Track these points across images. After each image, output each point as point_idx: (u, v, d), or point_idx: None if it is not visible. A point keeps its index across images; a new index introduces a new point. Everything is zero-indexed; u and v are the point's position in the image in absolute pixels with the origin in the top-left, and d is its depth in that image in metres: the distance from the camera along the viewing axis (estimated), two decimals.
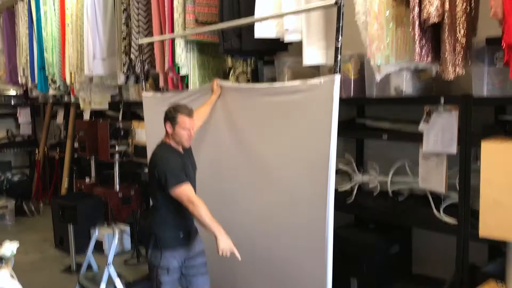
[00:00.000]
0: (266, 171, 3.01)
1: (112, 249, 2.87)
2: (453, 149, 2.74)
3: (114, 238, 2.90)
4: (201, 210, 2.65)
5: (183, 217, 2.84)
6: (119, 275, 2.94)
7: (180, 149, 2.92)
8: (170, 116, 2.83)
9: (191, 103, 3.41)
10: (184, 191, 2.70)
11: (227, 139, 3.31)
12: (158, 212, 2.85)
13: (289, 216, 2.87)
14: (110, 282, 2.91)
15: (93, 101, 5.49)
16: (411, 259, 3.55)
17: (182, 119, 2.79)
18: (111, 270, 2.84)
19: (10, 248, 2.06)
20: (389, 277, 3.26)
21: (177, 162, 2.79)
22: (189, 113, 2.82)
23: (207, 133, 3.44)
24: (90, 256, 3.14)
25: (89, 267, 3.22)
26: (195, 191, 2.90)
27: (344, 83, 3.16)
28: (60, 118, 7.49)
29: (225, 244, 2.61)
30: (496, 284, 2.59)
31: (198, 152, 3.47)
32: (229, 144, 3.29)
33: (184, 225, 2.88)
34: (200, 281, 2.97)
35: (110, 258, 2.85)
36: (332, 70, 2.56)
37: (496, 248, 2.99)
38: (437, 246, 3.36)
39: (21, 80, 6.55)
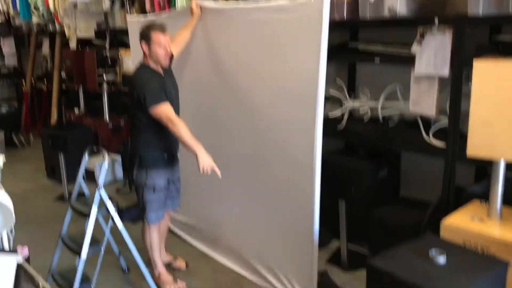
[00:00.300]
0: (251, 95, 2.98)
1: (102, 172, 2.87)
2: (445, 71, 2.71)
3: (104, 161, 2.89)
4: (181, 129, 2.68)
5: (167, 138, 2.88)
6: (111, 198, 2.96)
7: (160, 70, 2.90)
8: (144, 35, 2.81)
9: (175, 25, 3.31)
10: (163, 110, 2.72)
11: (210, 63, 3.24)
12: (142, 134, 2.89)
13: (277, 141, 2.87)
14: (102, 205, 2.93)
15: (79, 29, 5.32)
16: (399, 183, 3.61)
17: (156, 35, 2.78)
18: (102, 193, 2.85)
19: None
20: (377, 200, 3.33)
21: (156, 82, 2.79)
22: (163, 29, 2.80)
23: (190, 58, 3.36)
24: (80, 180, 3.14)
25: (82, 195, 3.24)
26: (178, 111, 2.93)
27: (337, 5, 3.06)
28: (45, 48, 7.28)
29: (205, 161, 2.68)
30: (480, 204, 2.65)
31: (181, 76, 3.42)
32: (213, 68, 3.23)
33: (168, 147, 2.94)
34: (173, 202, 3.15)
35: (101, 180, 2.85)
36: None
37: (483, 170, 3.04)
38: (425, 170, 3.42)
39: (2, 7, 6.30)
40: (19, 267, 1.37)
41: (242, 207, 3.26)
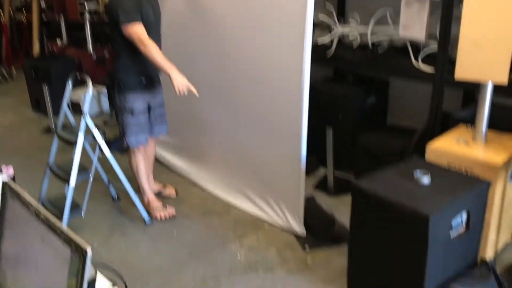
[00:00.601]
0: (239, 20, 2.91)
1: (87, 99, 2.83)
2: None
3: (88, 89, 2.84)
4: (152, 50, 2.69)
5: (144, 61, 2.85)
6: (97, 126, 2.94)
7: None
8: None
9: None
10: (134, 30, 2.71)
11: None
12: (120, 57, 2.88)
13: (265, 67, 2.83)
14: (88, 133, 2.91)
15: None
16: (387, 110, 3.62)
17: None
18: (87, 119, 2.82)
19: None
20: (365, 127, 3.34)
21: (132, 1, 2.73)
22: None
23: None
24: (65, 109, 3.10)
25: (66, 127, 3.21)
26: (159, 37, 2.90)
27: None
28: None
29: (179, 81, 2.70)
30: (466, 128, 2.67)
31: (180, 7, 3.31)
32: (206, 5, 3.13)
33: (146, 70, 2.92)
34: (157, 129, 3.15)
35: (86, 107, 2.82)
36: None
37: (470, 95, 3.05)
38: (413, 97, 3.41)
39: None
40: (5, 186, 1.36)
41: (230, 133, 3.27)
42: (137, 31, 2.70)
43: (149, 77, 2.96)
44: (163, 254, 2.85)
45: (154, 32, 2.82)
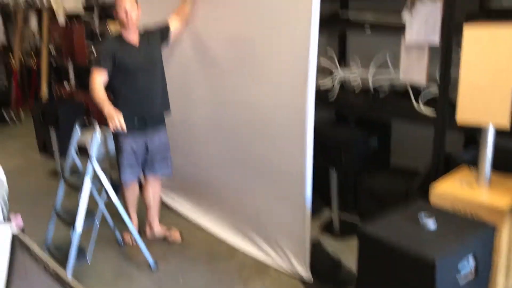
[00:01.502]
0: (243, 65, 2.98)
1: (94, 143, 2.87)
2: (436, 38, 2.71)
3: (95, 133, 2.89)
4: (93, 91, 2.93)
5: (135, 103, 3.05)
6: (104, 170, 2.97)
7: (133, 40, 3.06)
8: (115, 4, 2.98)
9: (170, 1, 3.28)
10: (92, 74, 2.94)
11: (204, 34, 3.23)
12: (113, 98, 3.07)
13: (269, 110, 2.88)
14: (95, 178, 2.94)
15: (66, 3, 5.22)
16: (390, 152, 3.64)
17: (119, 1, 2.95)
18: (94, 164, 2.86)
19: None
20: (368, 169, 3.36)
21: (108, 47, 2.99)
22: None
23: (192, 29, 3.34)
24: (73, 153, 3.15)
25: (75, 171, 3.25)
26: (148, 81, 3.06)
27: None
28: (33, 24, 7.16)
29: (108, 114, 2.80)
30: (469, 170, 2.69)
31: (183, 49, 3.42)
32: (205, 39, 3.23)
33: (138, 111, 3.08)
34: (157, 170, 3.28)
35: (93, 152, 2.86)
36: None
37: (472, 137, 3.07)
38: (415, 139, 3.44)
39: None
40: (14, 238, 1.38)
41: (233, 175, 3.29)
42: (93, 75, 2.95)
43: (142, 119, 3.10)
44: None
45: (137, 76, 3.02)
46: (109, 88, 3.05)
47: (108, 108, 2.83)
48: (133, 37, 3.07)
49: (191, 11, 3.24)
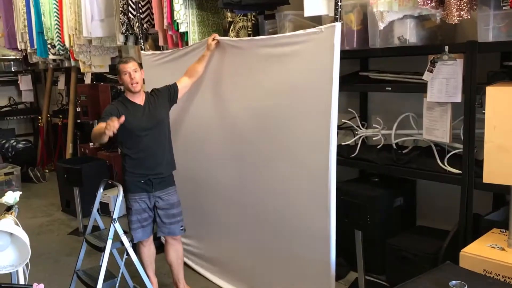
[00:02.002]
0: (265, 125, 3.00)
1: (117, 204, 2.89)
2: (458, 97, 2.71)
3: (118, 194, 2.91)
4: (92, 135, 3.02)
5: (141, 165, 3.11)
6: (125, 232, 2.97)
7: (139, 100, 3.15)
8: (117, 70, 3.13)
9: (189, 60, 3.38)
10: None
11: (224, 95, 3.28)
12: (123, 159, 3.16)
13: (291, 171, 2.87)
14: (116, 239, 2.93)
15: (93, 64, 5.43)
16: (416, 211, 3.56)
17: (121, 66, 3.09)
18: (116, 226, 2.86)
19: (13, 196, 2.09)
20: (394, 229, 3.28)
21: (112, 108, 3.08)
22: (126, 60, 3.11)
23: (205, 90, 3.41)
24: (95, 213, 3.16)
25: (96, 228, 3.26)
26: (149, 141, 3.10)
27: (347, 35, 3.09)
28: (61, 84, 7.45)
29: (109, 124, 2.75)
30: (500, 232, 2.60)
31: (195, 107, 3.49)
32: (226, 100, 3.27)
33: (144, 173, 3.12)
34: (166, 229, 3.26)
35: (116, 214, 2.87)
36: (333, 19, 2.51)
37: (501, 198, 2.99)
38: (441, 198, 3.37)
39: (20, 45, 6.48)
40: None
41: (256, 238, 3.23)
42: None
43: (147, 179, 3.14)
44: None
45: (141, 135, 3.07)
46: (120, 150, 3.18)
47: (103, 125, 2.83)
48: (138, 97, 3.15)
49: (203, 71, 3.32)
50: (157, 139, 3.14)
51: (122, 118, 2.81)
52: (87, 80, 6.47)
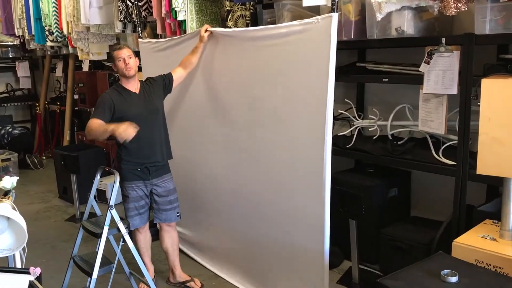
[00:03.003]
0: (261, 115, 3.01)
1: (113, 192, 2.90)
2: (454, 89, 2.72)
3: (115, 181, 2.93)
4: (90, 129, 2.94)
5: (138, 151, 3.11)
6: (122, 219, 2.99)
7: (134, 88, 3.15)
8: (111, 58, 3.15)
9: (186, 48, 3.38)
10: (89, 122, 3.00)
11: (219, 86, 3.29)
12: (118, 147, 3.16)
13: (286, 161, 2.88)
14: (113, 226, 2.95)
15: (91, 51, 5.42)
16: (410, 201, 3.60)
17: (115, 53, 3.10)
18: (113, 213, 2.88)
19: (10, 180, 2.11)
20: (388, 219, 3.31)
21: (106, 98, 3.07)
22: (120, 47, 3.13)
23: (200, 80, 3.42)
24: (92, 200, 3.18)
25: (93, 215, 3.28)
26: (149, 130, 3.11)
27: (344, 25, 3.10)
28: (59, 71, 7.42)
29: (123, 132, 2.80)
30: (492, 223, 2.63)
31: (190, 97, 3.52)
32: (221, 91, 3.28)
33: (140, 162, 3.14)
34: (163, 216, 3.30)
35: (112, 201, 2.88)
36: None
37: (494, 189, 3.02)
38: (435, 189, 3.40)
39: (17, 32, 6.44)
40: (31, 286, 1.39)
41: (251, 226, 3.26)
42: (89, 122, 2.99)
43: (145, 167, 3.16)
44: None
45: (137, 124, 2.95)
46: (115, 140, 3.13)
47: (110, 127, 2.86)
48: (133, 85, 3.15)
49: (197, 62, 3.33)
50: (153, 128, 3.15)
51: (134, 130, 2.82)
52: (85, 67, 6.45)
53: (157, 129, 3.19)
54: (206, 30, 3.21)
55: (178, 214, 3.35)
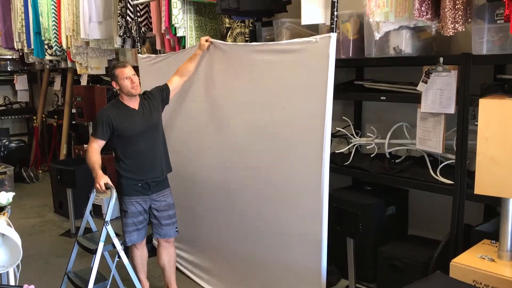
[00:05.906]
0: (258, 133, 3.01)
1: (109, 207, 2.88)
2: (451, 109, 2.74)
3: (111, 197, 2.91)
4: (87, 157, 3.07)
5: (137, 168, 3.10)
6: (117, 235, 2.96)
7: (133, 104, 3.13)
8: (112, 75, 3.09)
9: (182, 62, 3.39)
10: (89, 142, 3.09)
11: (218, 99, 3.29)
12: (117, 163, 3.14)
13: (284, 178, 2.88)
14: (108, 242, 2.93)
15: (90, 66, 5.44)
16: (407, 220, 3.58)
17: (119, 71, 3.05)
18: (109, 228, 2.86)
19: (6, 196, 2.09)
20: (385, 238, 3.29)
21: (105, 115, 3.05)
22: (123, 65, 3.10)
23: (197, 94, 3.42)
24: (87, 216, 3.16)
25: (89, 231, 3.25)
26: (149, 145, 3.13)
27: (343, 44, 3.12)
28: (57, 85, 7.44)
29: (99, 180, 2.96)
30: (490, 243, 2.62)
31: (187, 111, 3.51)
32: (220, 105, 3.28)
33: (141, 177, 3.12)
34: (163, 231, 3.27)
35: (108, 216, 2.86)
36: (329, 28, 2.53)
37: (492, 209, 3.01)
38: (433, 208, 3.39)
39: (16, 45, 6.46)
40: None
41: (248, 244, 3.23)
42: (89, 144, 3.09)
43: (145, 183, 3.14)
44: None
45: (137, 140, 3.08)
46: (115, 154, 3.17)
47: (96, 172, 2.99)
48: (134, 102, 3.14)
49: (194, 69, 3.33)
50: (152, 143, 3.15)
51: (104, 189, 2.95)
52: (83, 81, 6.46)
53: (156, 144, 3.18)
54: (207, 40, 3.24)
55: (176, 230, 3.33)
